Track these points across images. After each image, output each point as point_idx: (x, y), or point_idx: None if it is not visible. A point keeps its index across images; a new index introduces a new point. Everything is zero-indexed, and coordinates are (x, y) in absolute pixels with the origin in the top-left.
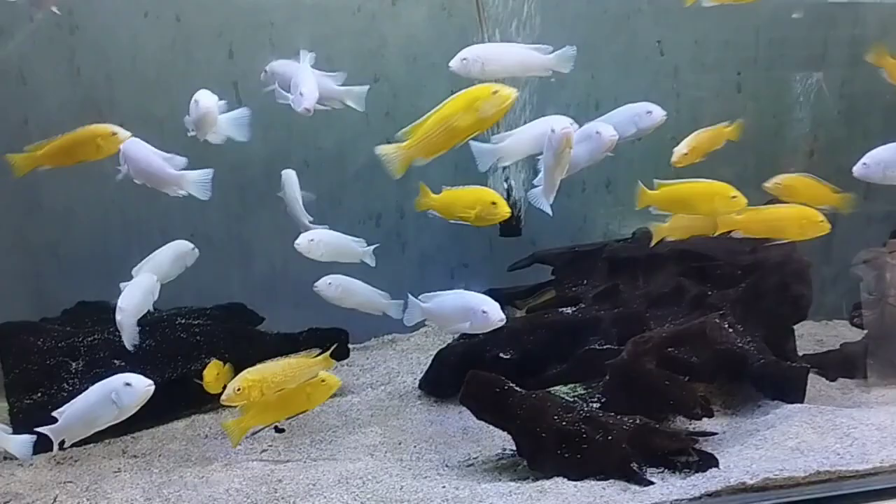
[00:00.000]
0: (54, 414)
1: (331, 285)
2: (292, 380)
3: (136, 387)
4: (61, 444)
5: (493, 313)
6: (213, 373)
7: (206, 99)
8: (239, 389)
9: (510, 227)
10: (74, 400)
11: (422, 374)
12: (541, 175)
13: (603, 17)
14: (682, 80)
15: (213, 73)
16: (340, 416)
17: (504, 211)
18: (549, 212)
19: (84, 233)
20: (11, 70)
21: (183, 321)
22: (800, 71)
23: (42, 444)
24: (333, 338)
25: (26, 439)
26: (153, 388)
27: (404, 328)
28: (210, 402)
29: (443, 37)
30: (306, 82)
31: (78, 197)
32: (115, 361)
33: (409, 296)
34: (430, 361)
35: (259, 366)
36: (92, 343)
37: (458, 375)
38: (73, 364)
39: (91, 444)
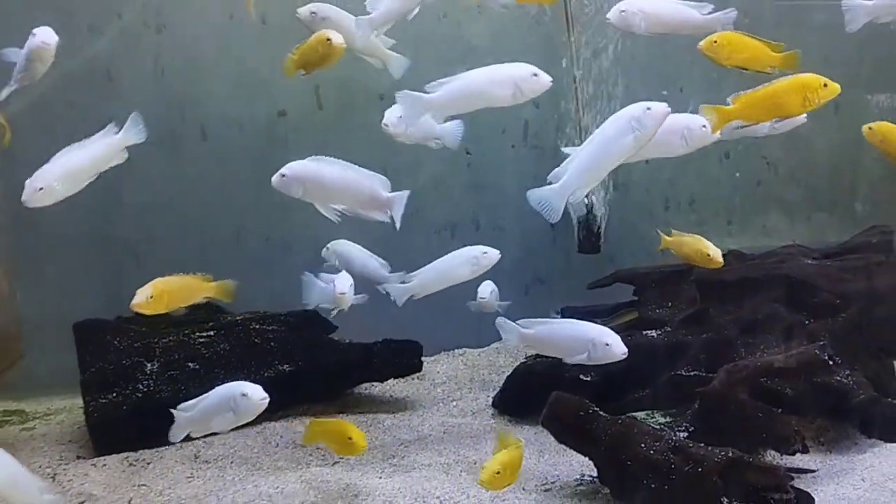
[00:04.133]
0: (178, 408)
1: (328, 250)
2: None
3: (251, 398)
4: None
5: (616, 346)
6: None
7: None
8: (151, 297)
9: (589, 244)
10: (201, 397)
11: (494, 392)
12: (573, 159)
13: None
14: None
15: (295, 77)
16: (412, 430)
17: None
18: (554, 214)
19: (163, 233)
20: (99, 68)
21: (258, 326)
22: None
23: (112, 445)
24: (408, 349)
25: None
26: (267, 400)
27: (476, 342)
28: (280, 410)
29: (530, 45)
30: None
31: (159, 196)
32: (190, 364)
33: (504, 319)
34: (502, 379)
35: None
36: (167, 345)
37: (534, 396)
38: (149, 365)
39: (163, 447)
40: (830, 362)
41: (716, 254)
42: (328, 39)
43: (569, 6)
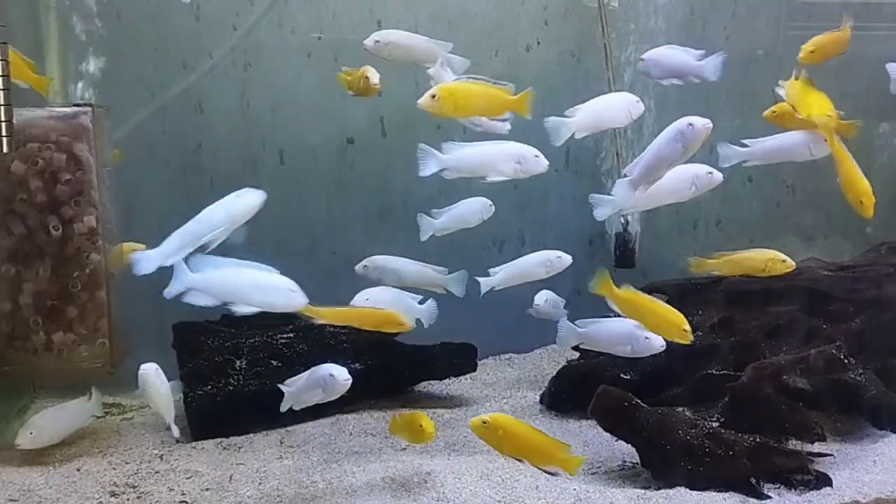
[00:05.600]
0: (284, 384)
1: (367, 268)
2: None
3: (336, 378)
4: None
5: (655, 339)
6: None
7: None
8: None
9: (625, 259)
10: (299, 376)
11: (541, 391)
12: (637, 161)
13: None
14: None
15: (363, 107)
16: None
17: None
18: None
19: (240, 247)
20: (191, 100)
21: (331, 329)
22: None
23: (208, 432)
24: (464, 351)
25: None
26: (350, 382)
27: (521, 348)
28: (351, 404)
29: (571, 81)
30: None
31: None
32: (273, 362)
33: (564, 319)
34: (547, 379)
35: None
36: (253, 344)
37: (579, 393)
38: (238, 362)
39: (251, 434)
40: (845, 361)
41: (788, 258)
42: (367, 77)
43: (608, 49)
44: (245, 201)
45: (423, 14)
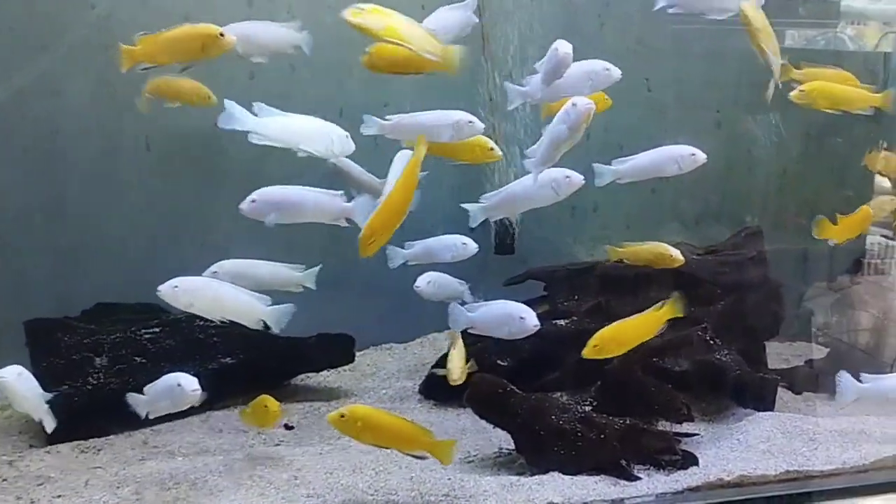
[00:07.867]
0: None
1: (217, 273)
2: None
3: (184, 388)
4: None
5: (529, 320)
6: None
7: None
8: None
9: (504, 246)
10: (153, 384)
11: (420, 380)
12: (540, 142)
13: (596, 55)
14: (668, 116)
15: (234, 91)
16: None
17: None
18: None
19: (104, 240)
20: (47, 84)
21: (201, 323)
22: (773, 112)
23: (64, 434)
24: (341, 342)
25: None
26: (199, 392)
27: (401, 338)
28: (222, 401)
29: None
30: None
31: (100, 205)
32: (137, 359)
33: (455, 304)
34: (427, 369)
35: None
36: (115, 341)
37: None
38: (98, 360)
39: (112, 436)
40: (711, 343)
41: (676, 253)
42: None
43: (485, 37)
44: None
45: None
